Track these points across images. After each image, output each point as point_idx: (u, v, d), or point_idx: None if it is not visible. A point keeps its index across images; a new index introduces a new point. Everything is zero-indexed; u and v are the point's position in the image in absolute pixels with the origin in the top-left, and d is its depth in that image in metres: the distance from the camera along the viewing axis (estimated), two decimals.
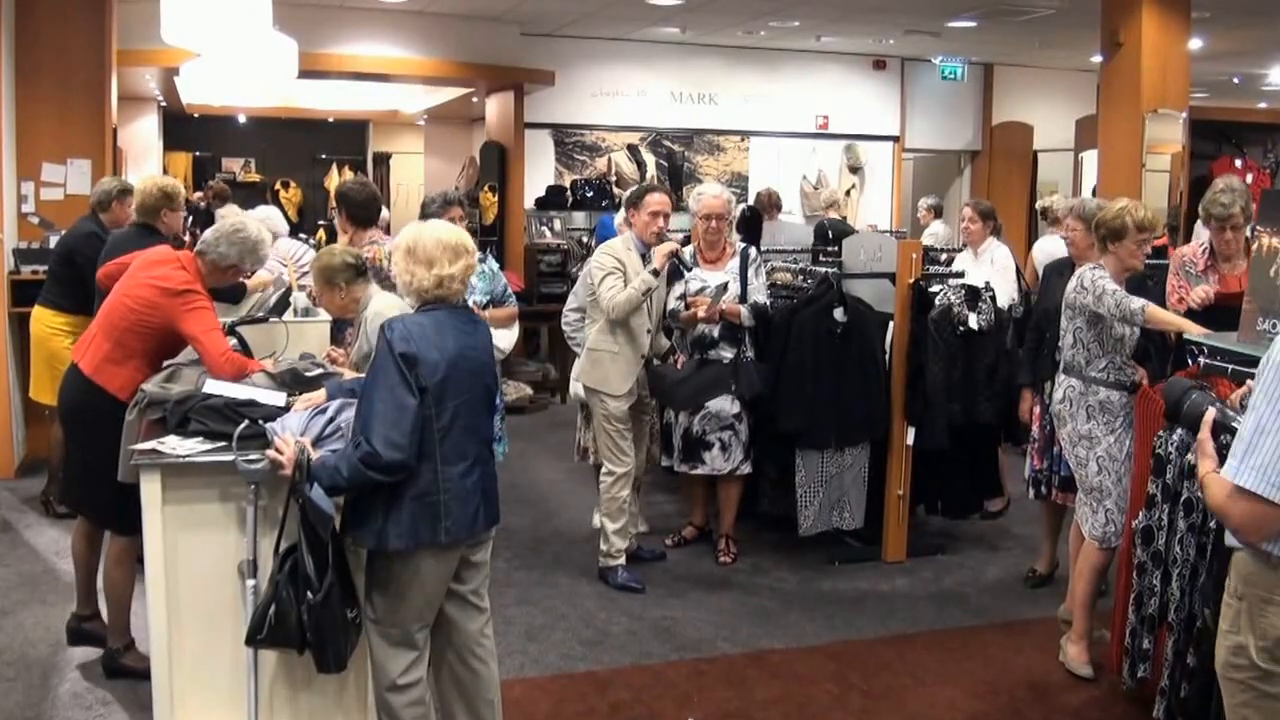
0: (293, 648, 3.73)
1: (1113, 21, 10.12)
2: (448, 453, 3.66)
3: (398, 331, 3.61)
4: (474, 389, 3.74)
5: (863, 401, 6.45)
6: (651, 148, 14.27)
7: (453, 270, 3.75)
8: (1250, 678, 2.84)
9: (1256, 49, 14.11)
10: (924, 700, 5.01)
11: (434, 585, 3.76)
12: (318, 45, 11.32)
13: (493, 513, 3.88)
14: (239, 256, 4.83)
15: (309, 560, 3.64)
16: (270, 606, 3.67)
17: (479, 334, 3.86)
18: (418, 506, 3.62)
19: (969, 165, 16.39)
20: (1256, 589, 2.80)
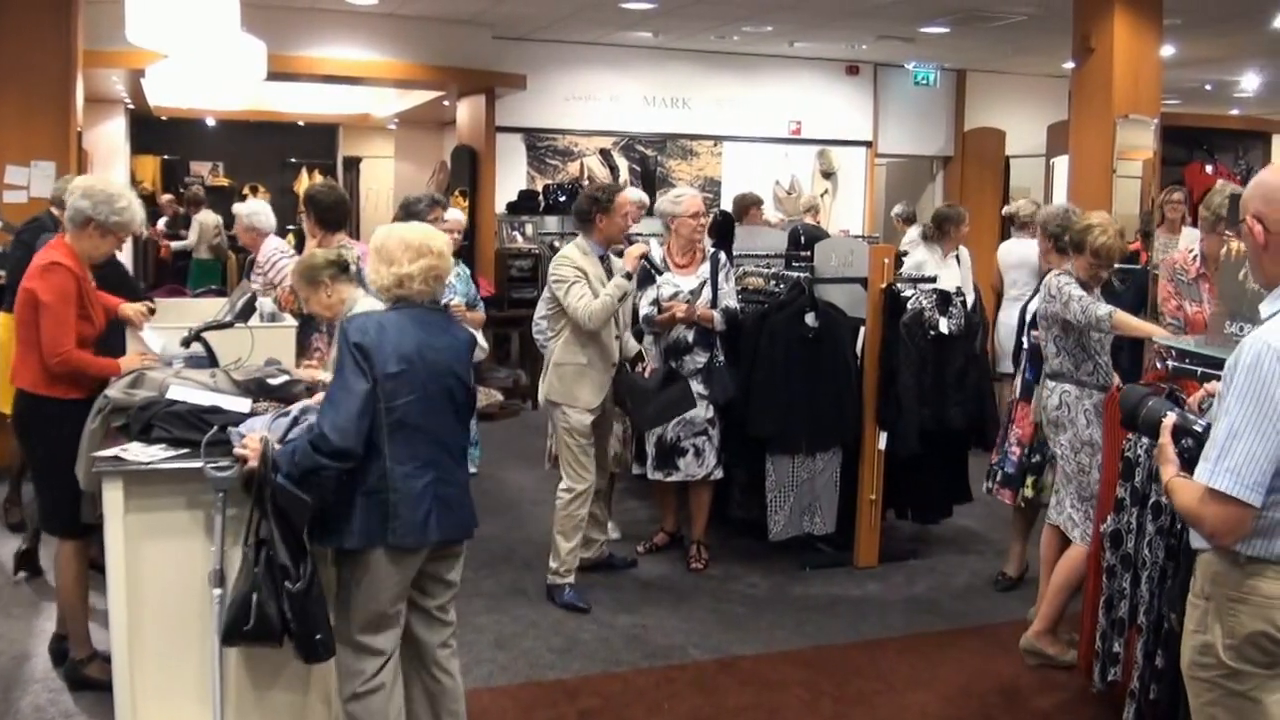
0: (273, 642, 3.68)
1: (1084, 27, 10.15)
2: (397, 450, 3.64)
3: (356, 324, 3.67)
4: (432, 390, 3.71)
5: (834, 406, 6.43)
6: (624, 152, 14.25)
7: (411, 269, 3.74)
8: (1217, 676, 2.85)
9: (1228, 56, 14.19)
10: (895, 705, 4.99)
11: (390, 590, 3.72)
12: (287, 47, 11.25)
13: (455, 523, 3.82)
14: (93, 209, 4.70)
15: (283, 550, 3.61)
16: (250, 600, 3.62)
17: (447, 336, 3.83)
18: (366, 504, 3.62)
19: (941, 171, 16.43)
20: (1224, 588, 2.82)
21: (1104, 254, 5.16)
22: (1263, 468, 2.68)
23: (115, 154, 15.17)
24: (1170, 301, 5.51)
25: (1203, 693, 2.91)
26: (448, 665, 4.00)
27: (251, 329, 5.44)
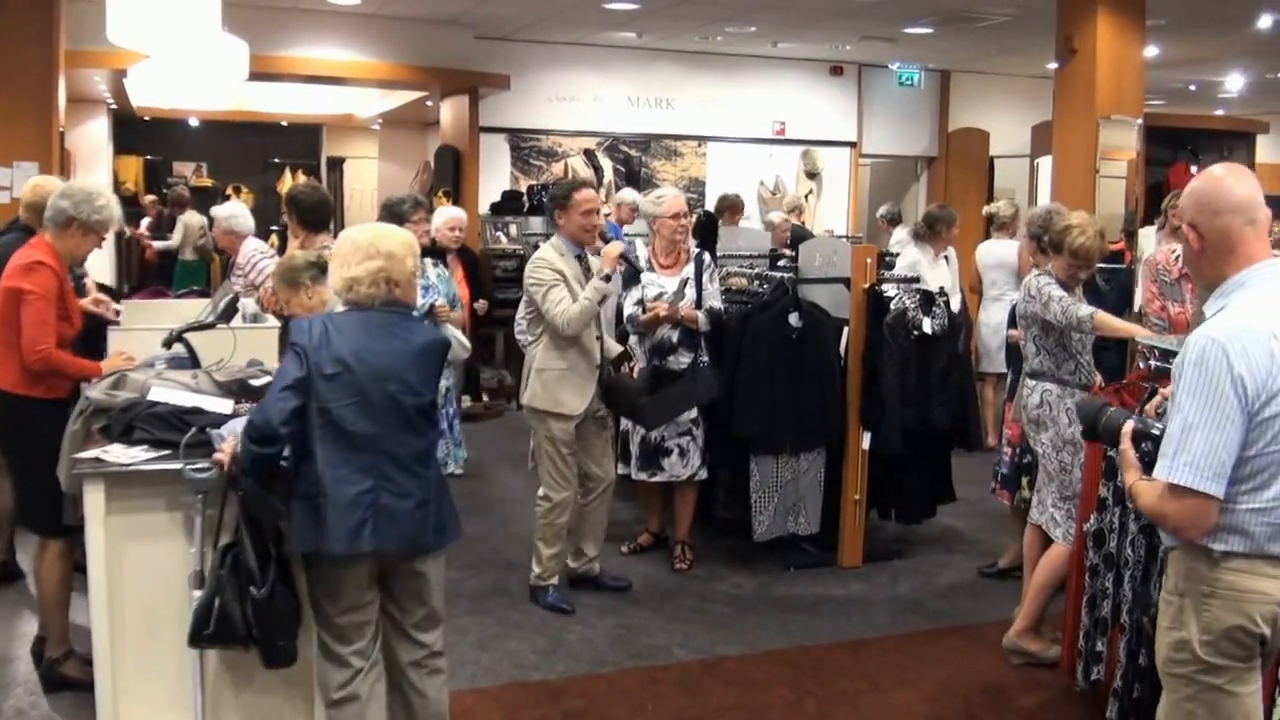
0: (238, 645, 3.68)
1: (1067, 28, 10.19)
2: (329, 454, 3.55)
3: (300, 325, 3.64)
4: (371, 395, 3.59)
5: (818, 406, 6.43)
6: (608, 152, 14.26)
7: (357, 272, 3.67)
8: (1194, 671, 2.90)
9: (1212, 57, 14.26)
10: (880, 705, 4.99)
11: (344, 597, 3.66)
12: (269, 48, 11.23)
13: (398, 535, 3.63)
14: (74, 208, 4.73)
15: (251, 554, 3.60)
16: (213, 602, 3.61)
17: (395, 340, 3.69)
18: (304, 508, 3.57)
19: (926, 171, 16.49)
20: (1198, 584, 2.88)
21: (1082, 255, 5.17)
22: (1220, 458, 2.74)
23: (98, 154, 15.14)
24: (1154, 302, 5.54)
25: (1179, 688, 2.95)
26: (421, 685, 3.90)
27: (234, 330, 5.42)
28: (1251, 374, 2.75)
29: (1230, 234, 2.89)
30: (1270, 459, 2.79)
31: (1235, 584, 2.83)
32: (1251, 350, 2.75)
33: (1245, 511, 2.81)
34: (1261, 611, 2.83)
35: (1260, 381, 2.75)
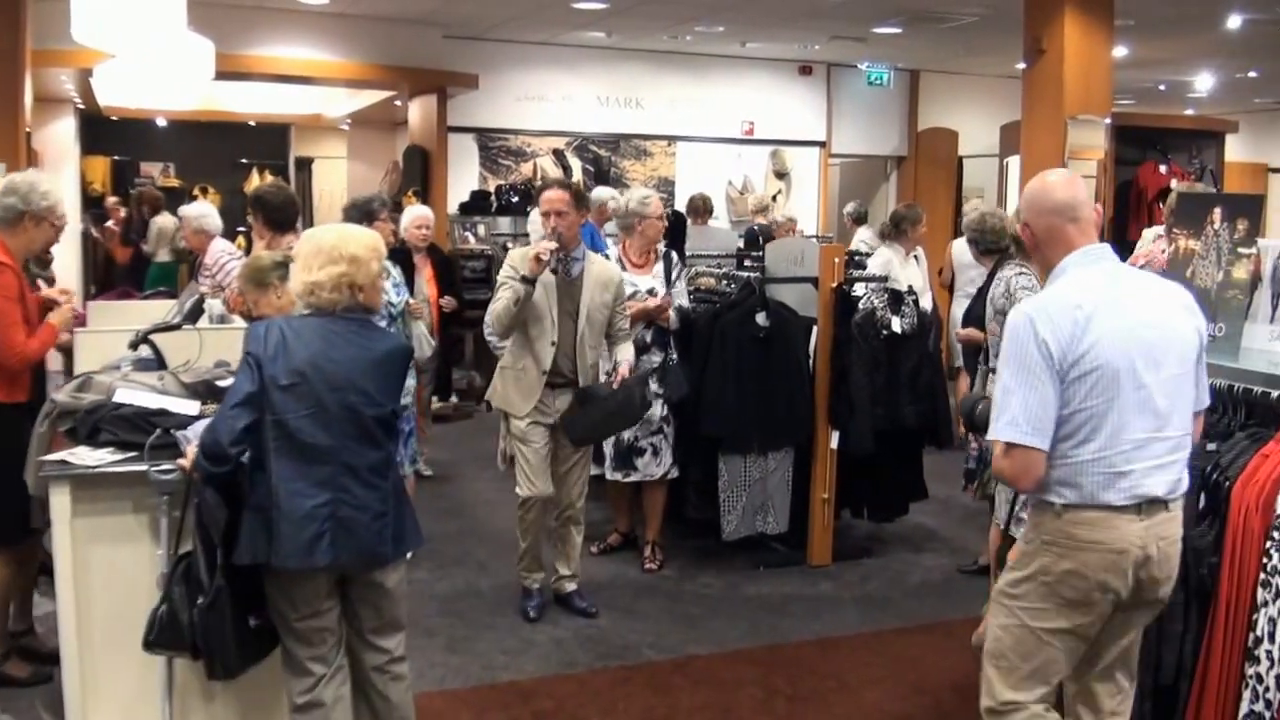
0: (184, 652, 3.63)
1: (1035, 29, 10.22)
2: (283, 467, 3.47)
3: (255, 331, 3.55)
4: (327, 405, 3.52)
5: (786, 406, 6.45)
6: (577, 152, 14.23)
7: (319, 277, 3.59)
8: (1018, 607, 3.29)
9: (1181, 57, 14.35)
10: (850, 703, 5.00)
11: (301, 604, 3.60)
12: (236, 47, 11.16)
13: (359, 549, 3.58)
14: (22, 201, 4.68)
15: (201, 564, 3.55)
16: (161, 608, 3.58)
17: (356, 348, 3.62)
18: (255, 520, 3.49)
19: (895, 171, 16.52)
20: (1042, 533, 3.24)
21: None
22: (1036, 414, 3.09)
23: (65, 154, 14.99)
24: None
25: (1002, 616, 3.35)
26: (385, 690, 3.86)
27: (200, 331, 5.38)
28: (1055, 338, 3.09)
29: (1054, 230, 3.28)
30: (1087, 414, 3.11)
31: (1073, 534, 3.16)
32: (1055, 318, 3.10)
33: (1074, 464, 3.14)
34: (1099, 560, 3.15)
35: (1064, 344, 3.09)
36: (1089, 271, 3.23)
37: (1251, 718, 3.54)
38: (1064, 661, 3.30)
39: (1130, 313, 3.16)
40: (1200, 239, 4.51)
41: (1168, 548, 3.23)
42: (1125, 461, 3.13)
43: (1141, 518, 3.17)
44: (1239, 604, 3.64)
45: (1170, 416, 3.18)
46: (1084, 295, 3.16)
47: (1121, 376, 3.11)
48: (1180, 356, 3.21)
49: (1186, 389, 3.24)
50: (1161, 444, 3.17)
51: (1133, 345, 3.12)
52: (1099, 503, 3.14)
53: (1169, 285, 3.34)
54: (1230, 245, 4.38)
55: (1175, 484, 3.23)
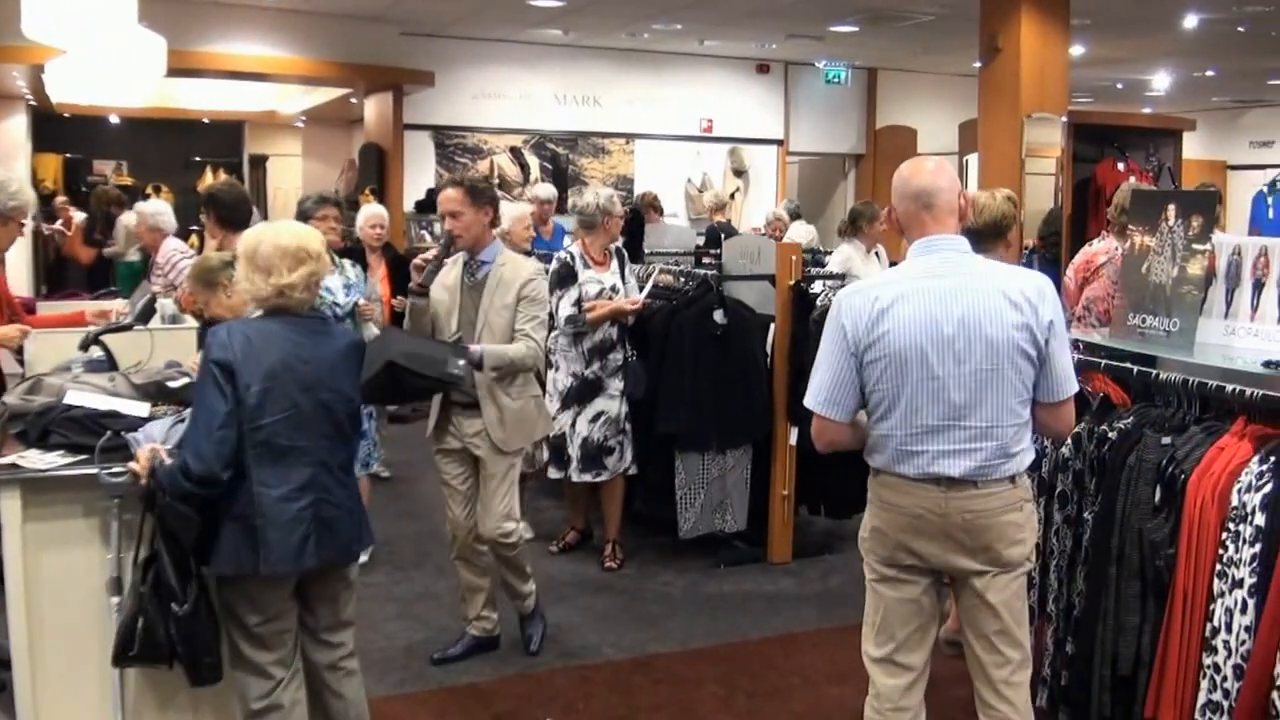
0: (162, 663, 3.59)
1: (991, 27, 10.29)
2: (265, 473, 3.46)
3: (219, 337, 3.48)
4: (302, 405, 3.52)
5: (744, 403, 6.44)
6: (535, 150, 14.21)
7: (293, 279, 3.56)
8: (865, 563, 3.61)
9: (1138, 56, 14.49)
10: (811, 699, 5.00)
11: (267, 609, 3.59)
12: (189, 43, 11.06)
13: (338, 546, 3.62)
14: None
15: (171, 570, 3.50)
16: (136, 621, 3.52)
17: (322, 346, 3.62)
18: (236, 530, 3.46)
19: (853, 169, 16.59)
20: (869, 493, 3.54)
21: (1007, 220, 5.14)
22: (830, 389, 3.41)
23: (16, 151, 14.82)
24: (1103, 303, 5.55)
25: (866, 575, 3.62)
26: (339, 688, 3.85)
27: (151, 331, 5.32)
28: (852, 324, 3.35)
29: (910, 215, 3.44)
30: (882, 394, 3.34)
31: (880, 494, 3.47)
32: (855, 306, 3.36)
33: (879, 436, 3.40)
34: (892, 520, 3.42)
35: (859, 330, 3.34)
36: (916, 260, 3.40)
37: (1210, 707, 3.56)
38: (900, 616, 3.50)
39: (932, 307, 3.29)
40: (1155, 235, 4.54)
41: (977, 520, 3.32)
42: (917, 442, 3.32)
43: (940, 489, 3.32)
44: (1196, 595, 3.66)
45: (972, 408, 3.28)
46: (888, 286, 3.37)
47: (910, 366, 3.29)
48: (990, 352, 3.27)
49: (1004, 383, 3.28)
50: (961, 431, 3.29)
51: (925, 338, 3.27)
52: (895, 471, 3.39)
53: (1006, 280, 3.33)
54: (1185, 241, 4.40)
55: (978, 469, 3.30)
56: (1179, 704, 3.69)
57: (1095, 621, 4.02)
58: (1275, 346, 4.10)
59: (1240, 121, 20.78)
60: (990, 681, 3.46)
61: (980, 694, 3.51)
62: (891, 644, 3.53)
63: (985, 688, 3.48)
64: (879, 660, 3.58)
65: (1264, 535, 3.46)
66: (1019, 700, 3.45)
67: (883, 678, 3.57)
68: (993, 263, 3.48)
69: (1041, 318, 3.29)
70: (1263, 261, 4.25)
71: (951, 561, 3.39)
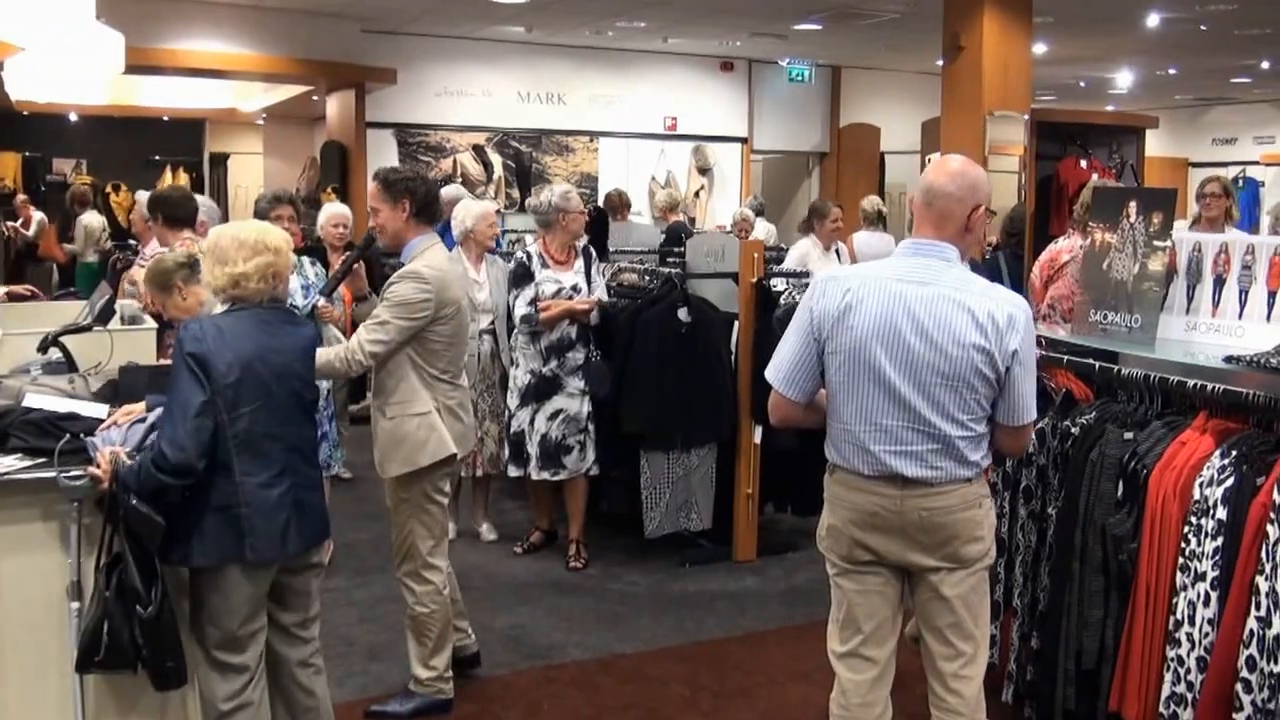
0: (127, 668, 3.55)
1: (954, 25, 10.32)
2: (246, 463, 3.51)
3: (190, 331, 3.51)
4: (276, 394, 3.58)
5: (709, 402, 6.43)
6: (498, 148, 14.17)
7: (246, 268, 3.60)
8: (826, 559, 3.60)
9: (1101, 55, 14.58)
10: (776, 698, 4.99)
11: (246, 606, 3.59)
12: (148, 40, 10.95)
13: (313, 529, 3.71)
14: None
15: (136, 573, 3.47)
16: (102, 626, 3.48)
17: (290, 336, 3.71)
18: (218, 520, 3.48)
19: (818, 167, 16.61)
20: (826, 490, 3.53)
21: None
22: (790, 367, 3.42)
23: None
24: (1067, 301, 5.55)
25: (828, 567, 3.61)
26: (309, 684, 3.87)
27: (111, 332, 5.26)
28: (821, 310, 3.34)
29: (915, 210, 3.42)
30: (838, 387, 3.36)
31: (835, 492, 3.46)
32: (828, 294, 3.35)
33: (835, 430, 3.42)
34: (848, 517, 3.41)
35: (826, 319, 3.33)
36: (899, 260, 3.38)
37: (1174, 699, 3.59)
38: (862, 614, 3.49)
39: (897, 312, 3.25)
40: (1116, 232, 4.56)
41: (933, 517, 3.30)
42: (871, 440, 3.31)
43: (896, 487, 3.31)
44: (1159, 588, 3.69)
45: (926, 415, 3.24)
46: (863, 282, 3.34)
47: (864, 369, 3.28)
48: (946, 369, 3.22)
49: (956, 399, 3.24)
50: (918, 435, 3.26)
51: (883, 341, 3.25)
52: (850, 468, 3.38)
53: (976, 300, 3.24)
54: (1146, 238, 4.43)
55: (935, 474, 3.28)
56: (1143, 697, 3.72)
57: (1059, 616, 4.04)
58: (1236, 342, 4.13)
59: (1203, 119, 20.95)
60: (940, 675, 3.46)
61: (932, 687, 3.51)
62: (856, 638, 3.51)
63: (936, 680, 3.48)
64: (843, 655, 3.55)
65: (1226, 529, 3.49)
66: (968, 693, 3.43)
67: (847, 673, 3.54)
68: (973, 278, 3.34)
69: (1006, 345, 3.21)
70: (1223, 258, 4.28)
71: (909, 558, 3.37)
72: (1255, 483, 3.47)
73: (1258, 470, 3.49)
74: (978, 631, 3.45)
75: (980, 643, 3.46)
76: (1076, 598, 3.97)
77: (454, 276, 4.78)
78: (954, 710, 3.43)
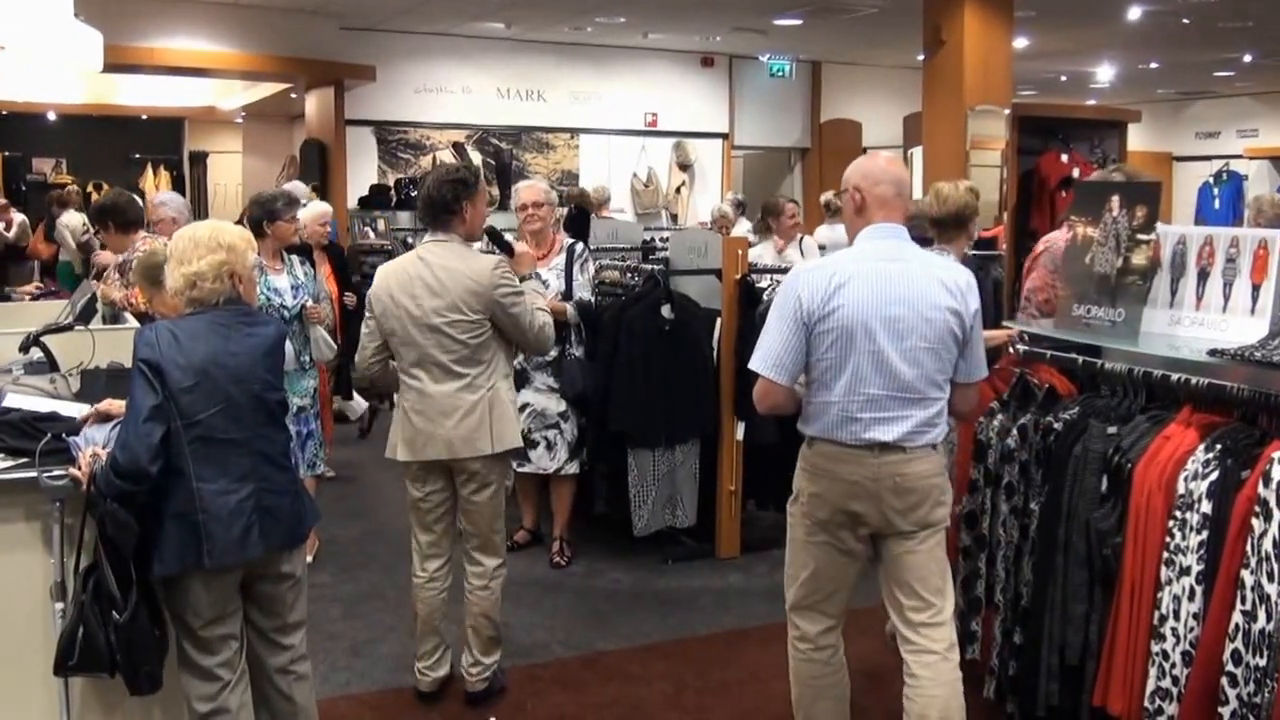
0: (103, 672, 3.52)
1: (935, 19, 10.33)
2: (203, 468, 3.45)
3: (144, 337, 3.48)
4: (235, 398, 3.51)
5: (692, 398, 6.43)
6: (478, 145, 14.13)
7: (200, 267, 3.55)
8: (792, 521, 3.88)
9: (1082, 49, 14.61)
10: (759, 694, 4.99)
11: (209, 610, 3.56)
12: (127, 38, 10.90)
13: (280, 534, 3.62)
14: None
15: (111, 577, 3.44)
16: (78, 630, 3.45)
17: (246, 339, 3.60)
18: (177, 527, 3.43)
19: (799, 162, 16.62)
20: (803, 461, 3.81)
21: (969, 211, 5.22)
22: (778, 353, 3.65)
23: None
24: (1042, 292, 5.54)
25: (789, 529, 3.90)
26: (289, 690, 3.83)
27: (93, 331, 5.23)
28: (809, 295, 3.60)
29: (880, 199, 3.74)
30: (828, 363, 3.61)
31: (816, 463, 3.72)
32: (813, 279, 3.63)
33: (820, 404, 3.67)
34: (831, 487, 3.68)
35: (815, 302, 3.59)
36: (869, 244, 3.72)
37: (1159, 694, 3.59)
38: (829, 573, 3.81)
39: (882, 287, 3.60)
40: (1099, 226, 4.55)
41: (905, 482, 3.63)
42: (857, 410, 3.61)
43: (874, 455, 3.62)
44: (1143, 583, 3.69)
45: (912, 382, 3.60)
46: (845, 265, 3.66)
47: (858, 339, 3.57)
48: (928, 333, 3.60)
49: (935, 360, 3.63)
50: (896, 401, 3.60)
51: (873, 315, 3.57)
52: (833, 438, 3.66)
53: (942, 270, 3.72)
54: (1129, 232, 4.42)
55: (907, 434, 3.61)
56: (1128, 692, 3.72)
57: (1043, 611, 4.04)
58: (1220, 335, 4.12)
59: (1185, 113, 21.02)
60: (912, 624, 3.75)
61: (905, 637, 3.78)
62: (816, 596, 3.87)
63: (909, 630, 3.77)
64: (805, 609, 3.91)
65: (1210, 523, 3.49)
66: (940, 635, 3.74)
67: (806, 624, 3.91)
68: (928, 253, 3.89)
69: (969, 306, 3.67)
70: (1207, 251, 4.27)
71: (883, 521, 3.68)
72: (1240, 476, 3.46)
73: (1242, 464, 3.49)
74: (944, 586, 3.78)
75: (947, 597, 3.79)
76: (1060, 593, 3.97)
77: None
78: (926, 649, 3.72)
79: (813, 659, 3.92)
